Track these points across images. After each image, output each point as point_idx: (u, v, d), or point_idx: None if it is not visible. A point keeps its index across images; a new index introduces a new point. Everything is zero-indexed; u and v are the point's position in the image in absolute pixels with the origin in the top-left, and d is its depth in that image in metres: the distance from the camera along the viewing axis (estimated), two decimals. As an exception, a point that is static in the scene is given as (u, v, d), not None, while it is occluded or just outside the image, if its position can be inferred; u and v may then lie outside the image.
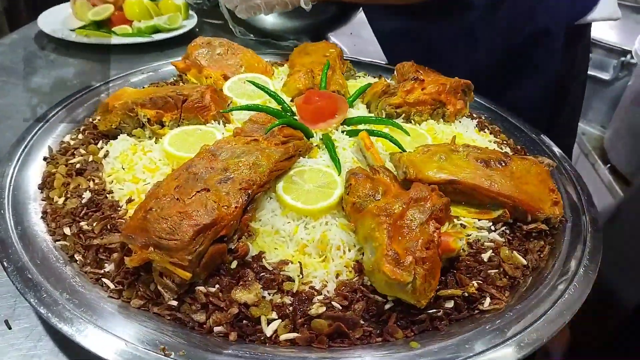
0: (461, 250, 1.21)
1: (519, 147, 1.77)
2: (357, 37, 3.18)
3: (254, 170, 1.24)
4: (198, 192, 1.14)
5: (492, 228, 1.31)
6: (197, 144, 1.38)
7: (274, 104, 1.68)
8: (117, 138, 1.50)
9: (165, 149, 1.40)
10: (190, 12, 2.86)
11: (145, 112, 1.47)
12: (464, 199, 1.35)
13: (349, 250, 1.20)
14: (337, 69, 1.87)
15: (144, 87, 1.92)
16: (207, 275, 1.10)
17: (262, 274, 1.13)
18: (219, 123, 1.54)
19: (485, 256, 1.24)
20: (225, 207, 1.13)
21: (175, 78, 1.97)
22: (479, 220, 1.33)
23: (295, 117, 1.62)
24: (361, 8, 2.59)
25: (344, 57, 2.10)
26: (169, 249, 1.04)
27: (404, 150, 1.45)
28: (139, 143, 1.48)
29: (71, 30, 2.56)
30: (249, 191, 1.19)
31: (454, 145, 1.45)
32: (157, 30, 2.63)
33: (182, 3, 2.73)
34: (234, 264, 1.13)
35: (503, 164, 1.40)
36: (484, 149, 1.46)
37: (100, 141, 1.51)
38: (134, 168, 1.37)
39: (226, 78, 1.81)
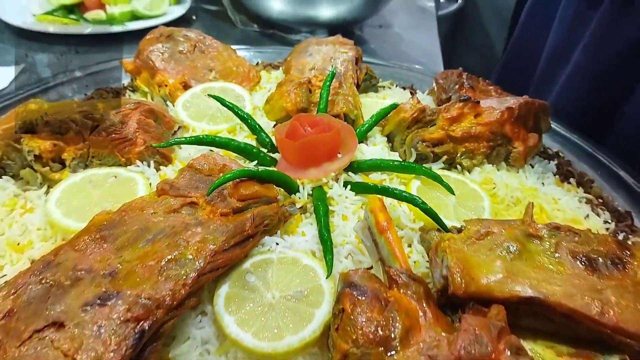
0: None
1: (620, 208, 1.14)
2: (388, 29, 2.53)
3: (165, 276, 0.68)
4: (38, 331, 0.59)
5: (601, 389, 0.73)
6: (104, 203, 0.84)
7: (246, 132, 1.12)
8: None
9: (48, 211, 0.85)
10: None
11: (33, 145, 0.93)
12: (551, 329, 0.76)
13: None
14: (349, 78, 1.26)
15: (85, 96, 1.39)
16: None
17: None
18: (149, 165, 0.97)
19: None
20: (86, 367, 0.57)
21: (125, 84, 1.42)
22: (578, 372, 0.74)
23: (275, 154, 1.05)
24: None
25: (364, 60, 1.49)
26: None
27: (446, 229, 0.86)
28: (23, 193, 0.94)
29: (34, 15, 2.16)
30: (146, 324, 0.63)
31: (532, 225, 0.84)
32: (136, 17, 2.12)
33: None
34: None
35: (619, 267, 0.80)
36: (584, 233, 0.84)
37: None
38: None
39: (187, 87, 1.25)
